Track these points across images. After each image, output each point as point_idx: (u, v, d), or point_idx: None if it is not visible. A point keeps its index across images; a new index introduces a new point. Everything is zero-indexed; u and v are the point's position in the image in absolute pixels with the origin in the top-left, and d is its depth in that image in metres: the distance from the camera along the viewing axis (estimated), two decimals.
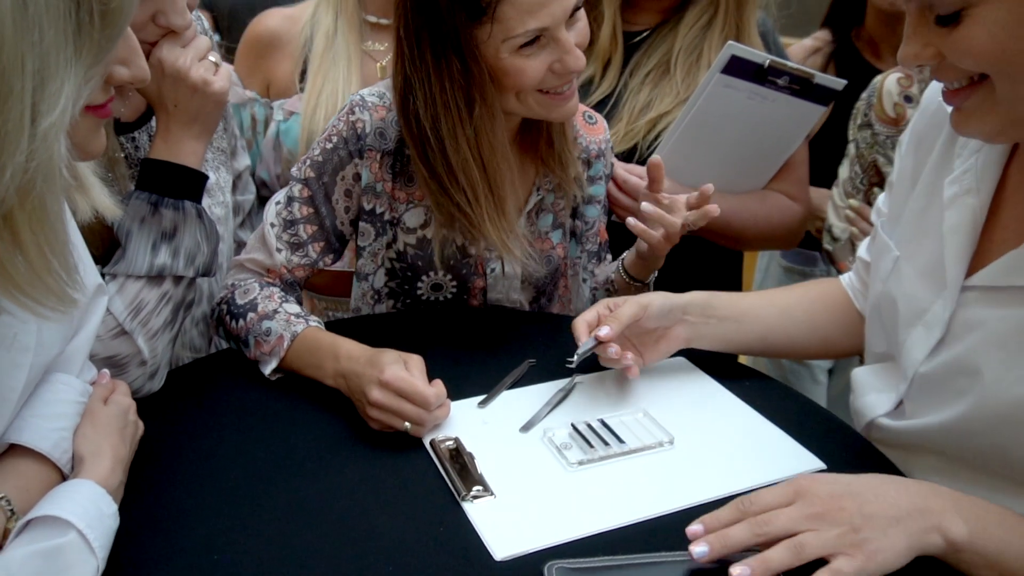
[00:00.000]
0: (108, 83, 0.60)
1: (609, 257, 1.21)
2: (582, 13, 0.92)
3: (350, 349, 0.88)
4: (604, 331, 0.84)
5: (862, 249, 1.00)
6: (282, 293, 1.00)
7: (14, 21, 0.44)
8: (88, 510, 0.63)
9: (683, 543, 0.65)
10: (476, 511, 0.72)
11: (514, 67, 0.89)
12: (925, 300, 0.80)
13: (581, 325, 0.88)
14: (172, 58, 0.85)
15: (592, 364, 0.91)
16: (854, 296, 1.00)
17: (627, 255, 1.08)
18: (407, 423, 0.81)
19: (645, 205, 1.00)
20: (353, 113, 1.00)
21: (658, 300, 0.90)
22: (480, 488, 0.75)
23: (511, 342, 0.99)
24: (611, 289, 1.10)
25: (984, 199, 0.77)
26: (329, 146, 1.01)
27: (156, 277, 0.86)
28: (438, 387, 0.83)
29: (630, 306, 0.88)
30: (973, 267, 0.77)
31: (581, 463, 0.79)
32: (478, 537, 0.70)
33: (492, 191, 0.96)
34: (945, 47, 0.67)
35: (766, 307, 0.97)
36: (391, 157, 1.00)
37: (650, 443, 0.82)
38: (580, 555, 0.63)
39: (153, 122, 0.99)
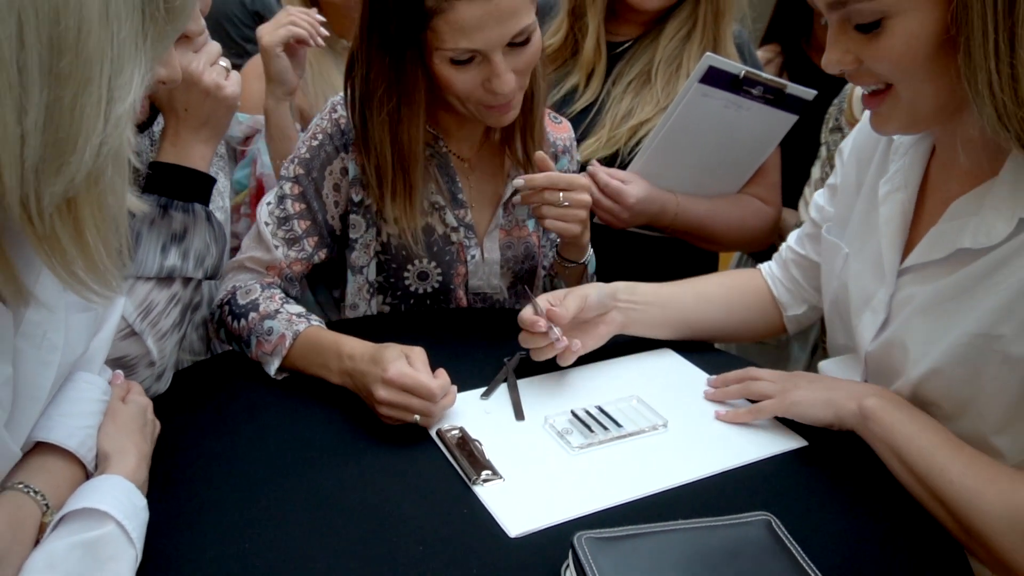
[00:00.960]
0: None
1: None
2: (536, 39, 0.95)
3: (352, 347, 0.90)
4: (550, 324, 0.90)
5: (792, 239, 1.09)
6: (283, 295, 1.02)
7: (99, 12, 0.47)
8: (123, 502, 0.64)
9: (683, 514, 0.70)
10: (487, 494, 0.76)
11: (445, 76, 0.94)
12: (872, 288, 0.89)
13: (528, 315, 0.92)
14: (185, 62, 0.85)
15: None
16: (772, 283, 1.10)
17: (559, 239, 1.13)
18: (416, 416, 0.84)
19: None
20: (335, 111, 1.05)
21: (594, 291, 0.98)
22: (489, 472, 0.78)
23: (501, 337, 1.02)
24: (552, 273, 1.16)
25: (911, 193, 0.87)
26: (315, 143, 1.05)
27: (166, 278, 0.88)
28: (442, 377, 0.86)
29: (573, 299, 0.95)
30: (907, 254, 0.86)
31: (582, 447, 0.84)
32: (491, 517, 0.73)
33: (404, 172, 1.00)
34: (864, 54, 0.76)
35: (685, 293, 1.08)
36: None
37: (646, 427, 0.87)
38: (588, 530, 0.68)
39: (155, 128, 1.00)
